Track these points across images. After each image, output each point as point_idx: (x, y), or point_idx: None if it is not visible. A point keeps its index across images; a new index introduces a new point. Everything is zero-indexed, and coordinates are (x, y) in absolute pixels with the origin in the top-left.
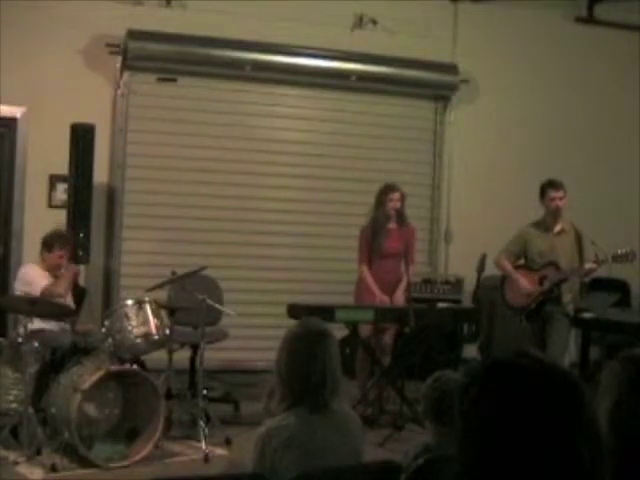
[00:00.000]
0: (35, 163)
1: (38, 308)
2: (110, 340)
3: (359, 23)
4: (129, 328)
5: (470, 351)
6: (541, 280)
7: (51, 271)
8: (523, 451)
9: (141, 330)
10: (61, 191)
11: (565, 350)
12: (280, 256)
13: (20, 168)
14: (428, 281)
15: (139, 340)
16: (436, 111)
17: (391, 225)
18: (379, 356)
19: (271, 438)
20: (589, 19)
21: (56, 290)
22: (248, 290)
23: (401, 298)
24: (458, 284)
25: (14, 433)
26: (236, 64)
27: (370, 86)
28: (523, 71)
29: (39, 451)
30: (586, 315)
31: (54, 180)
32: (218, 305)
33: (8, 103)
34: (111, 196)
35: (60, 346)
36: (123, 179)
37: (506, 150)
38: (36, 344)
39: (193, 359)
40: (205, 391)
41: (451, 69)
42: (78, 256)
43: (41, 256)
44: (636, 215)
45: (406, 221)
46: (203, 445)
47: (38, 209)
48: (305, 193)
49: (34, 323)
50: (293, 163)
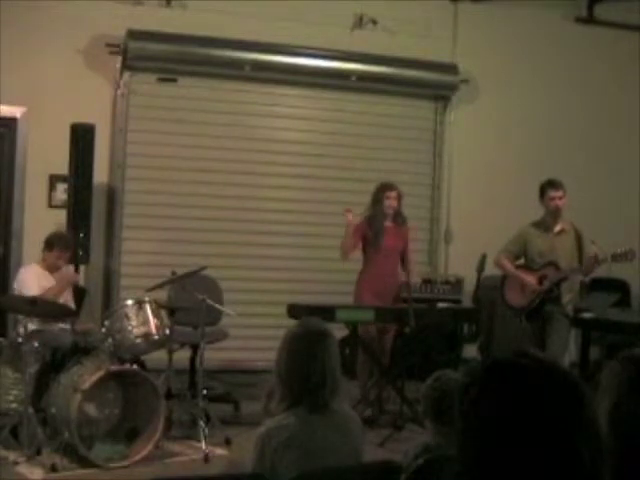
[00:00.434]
0: (35, 163)
1: (38, 308)
2: (110, 340)
3: (359, 23)
4: (129, 328)
5: (470, 351)
6: (541, 280)
7: (50, 270)
8: (523, 451)
9: (141, 330)
10: (61, 191)
11: (565, 350)
12: (280, 256)
13: (20, 168)
14: (428, 281)
15: (139, 340)
16: (436, 111)
17: (387, 223)
18: (379, 356)
19: (271, 438)
20: (589, 19)
21: (51, 296)
22: (248, 290)
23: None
24: (458, 284)
25: (14, 433)
26: (236, 64)
27: (370, 86)
28: (523, 71)
29: (39, 451)
30: (586, 315)
31: (54, 180)
32: (218, 305)
33: (8, 103)
34: (111, 196)
35: (60, 346)
36: (123, 179)
37: (506, 150)
38: (36, 344)
39: (193, 359)
40: (205, 391)
41: (451, 69)
42: (78, 256)
43: (42, 254)
44: (636, 215)
45: (404, 221)
46: (203, 445)
47: (38, 209)
48: (305, 193)
49: (34, 324)
50: (293, 163)
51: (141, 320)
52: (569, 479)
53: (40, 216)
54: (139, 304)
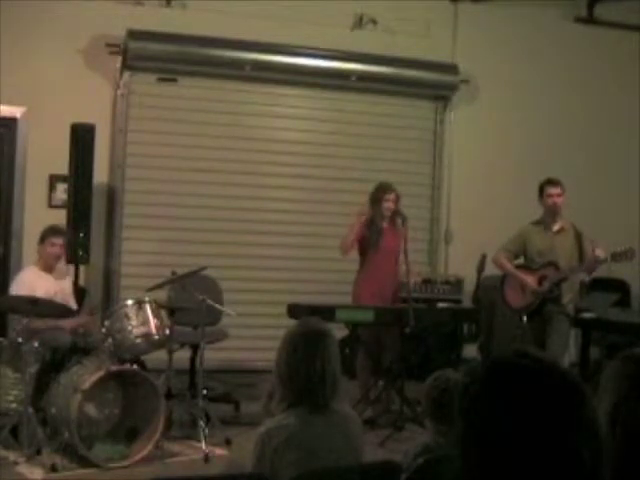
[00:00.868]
0: (35, 163)
1: (38, 308)
2: (110, 340)
3: (359, 23)
4: (129, 328)
5: (470, 351)
6: (540, 281)
7: (47, 265)
8: (523, 451)
9: (141, 330)
10: (61, 191)
11: (565, 350)
12: (280, 256)
13: (20, 168)
14: (428, 281)
15: (139, 340)
16: (436, 111)
17: (385, 224)
18: (379, 356)
19: (271, 438)
20: (589, 19)
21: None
22: (248, 290)
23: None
24: (458, 284)
25: (14, 433)
26: (236, 64)
27: (370, 86)
28: (523, 71)
29: (39, 451)
30: (586, 315)
31: (54, 180)
32: (218, 305)
33: (8, 103)
34: (111, 196)
35: (60, 346)
36: (123, 179)
37: (506, 150)
38: (36, 344)
39: (193, 359)
40: (205, 391)
41: (451, 69)
42: (78, 256)
43: (37, 253)
44: (636, 215)
45: (404, 220)
46: (203, 445)
47: (38, 209)
48: (305, 193)
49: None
50: (293, 163)
51: (141, 320)
52: (569, 479)
53: (40, 216)
54: (139, 304)
